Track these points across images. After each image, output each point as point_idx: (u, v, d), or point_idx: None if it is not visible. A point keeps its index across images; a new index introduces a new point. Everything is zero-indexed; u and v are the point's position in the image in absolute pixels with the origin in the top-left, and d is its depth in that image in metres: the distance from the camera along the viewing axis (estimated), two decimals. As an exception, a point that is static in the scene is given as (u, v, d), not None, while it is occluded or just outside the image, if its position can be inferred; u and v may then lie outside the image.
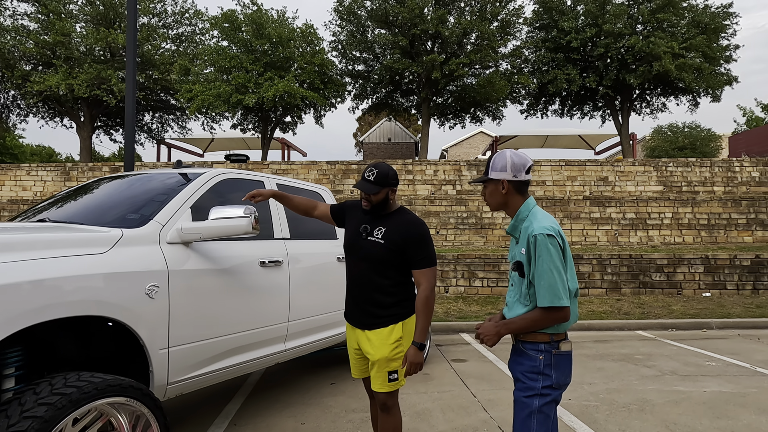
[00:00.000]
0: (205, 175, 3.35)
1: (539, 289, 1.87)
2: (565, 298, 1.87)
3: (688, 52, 17.13)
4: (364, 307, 2.53)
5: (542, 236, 1.88)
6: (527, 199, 2.04)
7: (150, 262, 2.67)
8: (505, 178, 2.03)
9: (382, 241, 2.45)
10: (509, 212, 2.08)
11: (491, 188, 2.07)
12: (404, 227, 2.46)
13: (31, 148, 37.06)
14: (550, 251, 1.86)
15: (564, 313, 1.88)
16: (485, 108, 20.02)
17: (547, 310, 1.88)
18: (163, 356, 2.69)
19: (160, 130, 21.96)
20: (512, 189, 2.03)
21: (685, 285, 10.01)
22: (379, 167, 2.47)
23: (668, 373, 5.12)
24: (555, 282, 1.85)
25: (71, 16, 18.17)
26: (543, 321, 1.91)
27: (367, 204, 2.50)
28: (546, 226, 1.90)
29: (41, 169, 14.90)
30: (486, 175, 2.08)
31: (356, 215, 2.64)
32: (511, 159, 2.02)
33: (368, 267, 2.48)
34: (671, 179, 14.51)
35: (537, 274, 1.88)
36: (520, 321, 1.95)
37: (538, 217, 1.96)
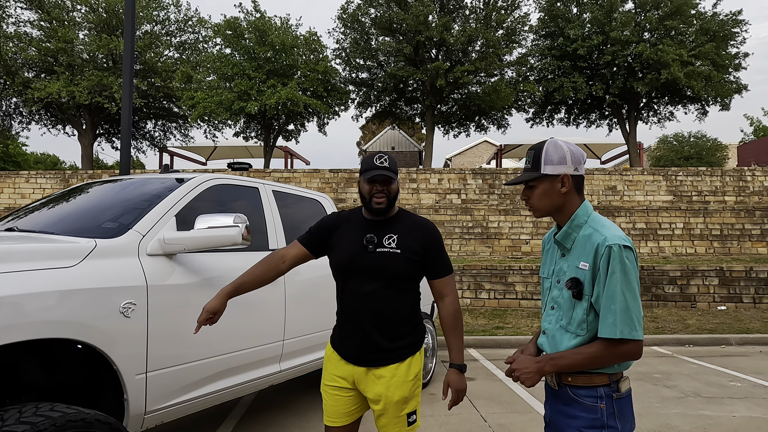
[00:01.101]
0: (193, 180, 3.08)
1: (606, 314, 1.46)
2: (640, 328, 1.46)
3: (697, 60, 16.89)
4: (373, 340, 2.01)
5: (619, 247, 1.46)
6: (585, 201, 1.62)
7: (126, 276, 2.38)
8: (566, 173, 1.58)
9: (399, 251, 2.00)
10: (560, 218, 1.63)
11: (544, 188, 1.60)
12: (418, 231, 2.05)
13: (36, 156, 37.06)
14: (626, 268, 1.46)
15: (636, 348, 1.46)
16: (490, 116, 19.79)
17: (615, 343, 1.45)
18: (140, 382, 2.40)
19: (163, 138, 21.81)
20: (573, 187, 1.60)
21: (699, 298, 9.66)
22: (387, 153, 2.04)
23: (691, 394, 4.79)
24: (629, 307, 1.45)
25: (74, 23, 18.10)
26: (608, 358, 1.47)
27: (382, 200, 1.99)
28: (621, 235, 1.50)
29: (40, 177, 14.71)
30: (538, 170, 1.60)
31: (348, 227, 2.10)
32: (569, 149, 1.59)
33: (383, 286, 2.00)
34: (681, 189, 14.19)
35: (606, 296, 1.46)
36: (574, 356, 1.50)
37: (606, 225, 1.55)
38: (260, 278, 2.10)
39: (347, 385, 2.08)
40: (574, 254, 1.57)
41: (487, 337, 7.39)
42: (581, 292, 1.52)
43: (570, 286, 1.55)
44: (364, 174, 2.00)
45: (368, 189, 2.01)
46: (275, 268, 2.13)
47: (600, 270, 1.48)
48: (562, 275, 1.61)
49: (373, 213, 2.04)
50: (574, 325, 1.55)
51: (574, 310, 1.55)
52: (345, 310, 2.08)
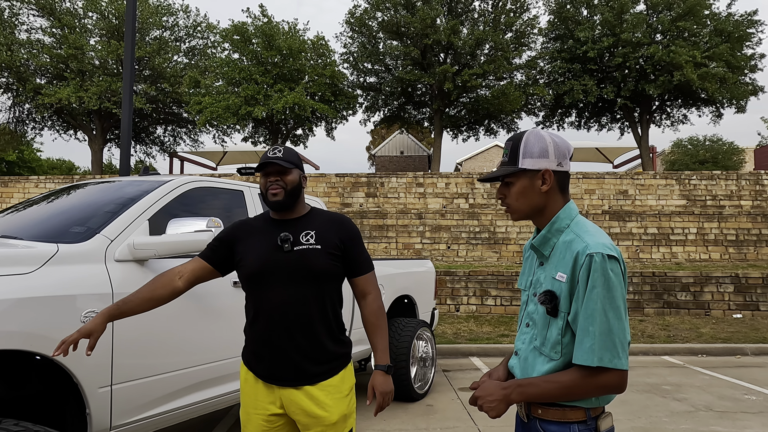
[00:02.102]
0: (170, 183, 2.96)
1: (584, 337, 1.22)
2: (624, 355, 1.21)
3: (711, 62, 16.53)
4: (299, 354, 1.81)
5: (602, 257, 1.22)
6: (569, 202, 1.38)
7: (90, 283, 2.26)
8: (548, 168, 1.34)
9: (319, 246, 1.84)
10: (541, 221, 1.39)
11: (522, 185, 1.36)
12: (336, 225, 1.91)
13: (50, 162, 37.59)
14: (610, 282, 1.21)
15: (619, 379, 1.22)
16: (499, 120, 19.58)
17: (593, 372, 1.21)
18: (105, 395, 2.27)
19: (173, 144, 21.93)
20: (556, 185, 1.36)
21: (713, 305, 9.34)
22: (284, 146, 1.92)
23: (702, 408, 4.55)
24: (610, 329, 1.20)
25: (85, 30, 18.29)
26: (584, 389, 1.23)
27: (277, 191, 1.83)
28: (606, 243, 1.26)
29: (49, 182, 14.80)
30: (515, 165, 1.36)
31: (257, 233, 1.90)
32: (552, 140, 1.36)
33: (304, 290, 1.82)
34: (695, 193, 13.84)
35: (584, 314, 1.22)
36: (545, 385, 1.26)
37: (590, 230, 1.31)
38: (149, 297, 1.84)
39: (277, 410, 1.85)
40: (552, 263, 1.34)
41: (490, 345, 7.19)
42: (556, 308, 1.28)
43: (543, 300, 1.31)
44: (258, 168, 1.86)
45: (263, 182, 1.88)
46: (168, 285, 1.87)
47: (579, 283, 1.24)
48: (538, 287, 1.38)
49: (273, 208, 1.87)
50: (548, 346, 1.30)
51: (548, 328, 1.31)
52: (261, 324, 1.84)
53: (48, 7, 17.79)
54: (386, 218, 12.79)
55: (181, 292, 1.91)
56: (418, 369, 4.89)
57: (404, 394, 4.61)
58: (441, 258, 12.26)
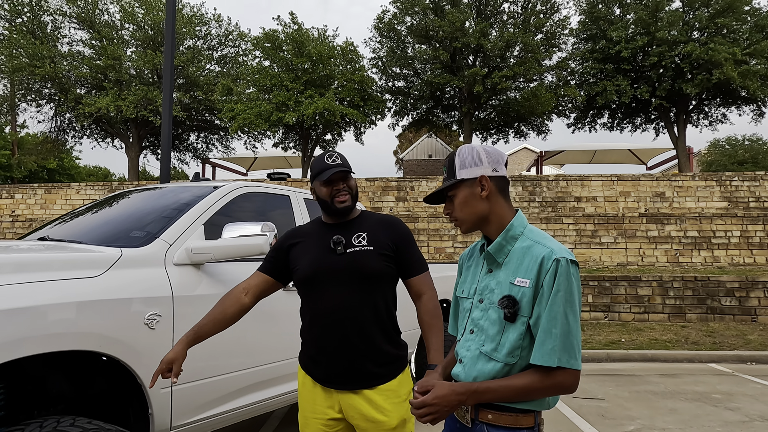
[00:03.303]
0: (222, 188, 3.02)
1: (546, 339, 1.25)
2: (579, 356, 1.27)
3: (752, 59, 15.98)
4: (355, 357, 1.81)
5: (567, 262, 1.27)
6: (518, 211, 1.45)
7: (151, 286, 2.32)
8: (483, 174, 1.40)
9: (372, 248, 1.83)
10: (490, 228, 1.43)
11: (464, 195, 1.41)
12: (386, 226, 1.91)
13: (88, 169, 38.88)
14: (571, 286, 1.27)
15: (573, 379, 1.26)
16: (529, 122, 19.35)
17: (551, 373, 1.25)
18: (166, 396, 2.32)
19: (205, 150, 22.41)
20: (495, 189, 1.41)
21: (760, 311, 8.99)
22: (336, 151, 1.93)
23: (757, 418, 4.37)
24: (570, 332, 1.25)
25: (122, 41, 18.89)
26: (541, 390, 1.26)
27: (346, 198, 1.86)
28: (566, 249, 1.32)
29: (89, 188, 15.31)
30: (453, 177, 1.42)
31: (309, 239, 1.93)
32: (484, 149, 1.43)
33: (359, 291, 1.81)
34: (737, 194, 13.37)
35: (548, 317, 1.25)
36: (502, 388, 1.27)
37: (548, 237, 1.37)
38: (221, 318, 1.89)
39: (335, 414, 1.86)
40: (507, 269, 1.36)
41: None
42: (516, 314, 1.30)
43: (505, 305, 1.32)
44: (319, 176, 1.87)
45: (327, 191, 1.87)
46: (236, 303, 1.91)
47: (544, 287, 1.28)
48: (487, 294, 1.39)
49: (339, 214, 1.89)
50: (503, 351, 1.32)
51: (504, 333, 1.32)
52: (317, 329, 1.86)
53: (88, 20, 18.45)
54: (417, 222, 12.77)
55: (249, 307, 1.96)
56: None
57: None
58: (473, 262, 12.15)
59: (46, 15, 18.39)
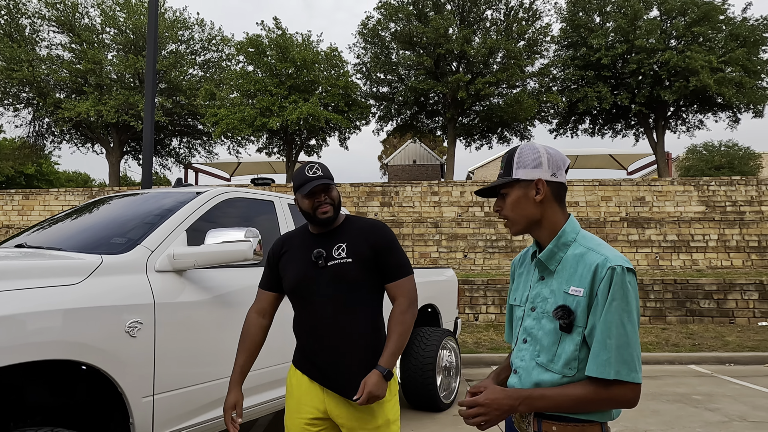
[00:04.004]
0: (205, 194, 2.99)
1: (600, 350, 1.20)
2: (639, 369, 1.21)
3: (727, 66, 16.38)
4: (343, 365, 1.84)
5: (622, 270, 1.22)
6: (570, 216, 1.38)
7: (133, 293, 2.29)
8: (541, 177, 1.34)
9: (350, 259, 1.85)
10: (541, 234, 1.38)
11: (517, 195, 1.35)
12: (366, 233, 1.91)
13: (67, 175, 38.18)
14: (628, 295, 1.21)
15: (633, 393, 1.21)
16: (512, 128, 19.54)
17: (608, 385, 1.20)
18: (147, 405, 2.28)
19: (188, 155, 22.19)
20: (551, 195, 1.35)
21: (738, 313, 9.18)
22: (317, 162, 1.93)
23: (737, 418, 4.46)
24: (628, 343, 1.20)
25: (103, 45, 18.65)
26: (598, 403, 1.21)
27: (328, 209, 1.87)
28: (622, 256, 1.27)
29: (69, 194, 15.03)
30: (509, 175, 1.36)
31: (295, 248, 1.96)
32: (546, 152, 1.36)
33: (340, 302, 1.84)
34: (714, 199, 13.67)
35: (603, 328, 1.21)
36: (558, 398, 1.23)
37: (602, 243, 1.31)
38: (252, 348, 1.99)
39: (320, 414, 1.88)
40: (560, 277, 1.32)
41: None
42: (572, 324, 1.26)
43: (560, 315, 1.27)
44: (300, 189, 1.88)
45: (309, 203, 1.88)
46: (259, 327, 2.01)
47: (598, 296, 1.23)
48: (540, 302, 1.35)
49: (322, 224, 1.91)
50: (559, 363, 1.27)
51: (560, 345, 1.28)
52: (304, 338, 1.91)
53: (67, 23, 18.19)
54: (402, 227, 12.79)
55: (270, 324, 2.06)
56: (442, 379, 4.85)
57: (431, 404, 4.58)
58: (458, 267, 12.21)
59: (24, 18, 18.09)
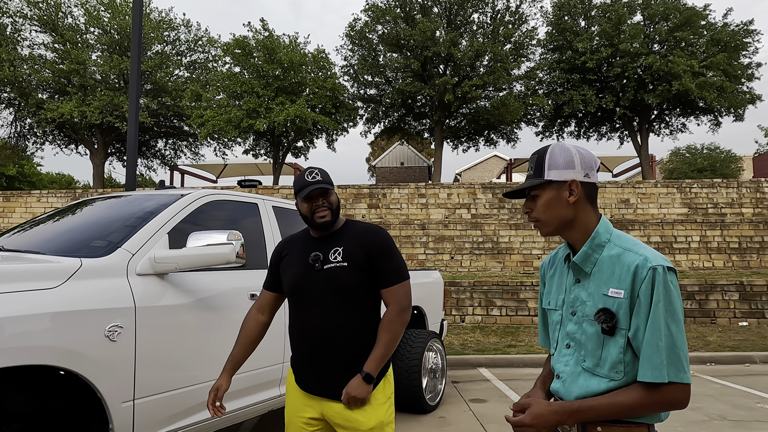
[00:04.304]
0: (188, 196, 2.97)
1: (652, 354, 1.18)
2: (688, 369, 1.20)
3: (709, 71, 16.68)
4: (337, 368, 1.86)
5: (663, 270, 1.20)
6: (602, 217, 1.36)
7: (113, 297, 2.26)
8: (575, 178, 1.32)
9: (346, 263, 1.87)
10: (573, 235, 1.35)
11: (549, 197, 1.33)
12: (362, 238, 1.93)
13: (50, 176, 37.60)
14: (671, 295, 1.19)
15: (684, 394, 1.19)
16: (499, 130, 19.69)
17: (660, 389, 1.18)
18: (127, 410, 2.26)
19: (173, 157, 21.99)
20: (584, 196, 1.33)
21: (719, 313, 9.33)
22: (317, 168, 1.96)
23: (717, 417, 4.53)
24: (674, 344, 1.18)
25: (87, 45, 18.42)
26: (650, 407, 1.19)
27: (326, 213, 1.89)
28: (662, 256, 1.25)
29: (51, 196, 14.81)
30: (541, 177, 1.34)
31: (295, 250, 2.00)
32: (578, 152, 1.33)
33: (332, 305, 1.87)
34: (696, 201, 13.89)
35: (651, 330, 1.19)
36: (606, 407, 1.21)
37: (638, 243, 1.29)
38: (247, 342, 2.03)
39: (316, 415, 1.92)
40: (598, 279, 1.29)
41: (499, 355, 7.16)
42: (615, 327, 1.24)
43: (602, 319, 1.25)
44: (299, 194, 1.91)
45: (308, 207, 1.92)
46: (257, 324, 2.06)
47: (641, 298, 1.21)
48: (579, 306, 1.33)
49: (320, 228, 1.93)
50: (605, 367, 1.26)
51: (604, 348, 1.26)
52: (299, 339, 1.93)
53: (50, 23, 17.94)
54: (389, 229, 12.80)
55: (269, 323, 2.10)
56: (428, 380, 4.86)
57: (416, 406, 4.58)
58: (444, 268, 12.25)
59: (6, 17, 17.80)
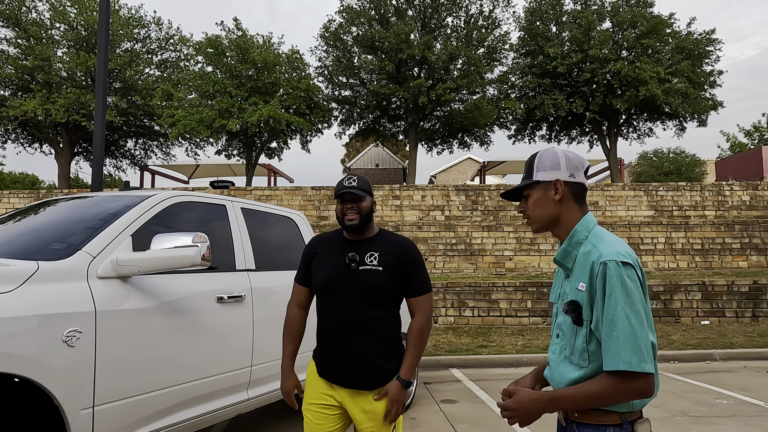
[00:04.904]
0: (153, 198, 2.91)
1: (609, 343, 1.26)
2: (649, 358, 1.25)
3: (674, 77, 17.22)
4: (362, 362, 2.00)
5: (615, 264, 1.28)
6: (586, 215, 1.46)
7: (71, 301, 2.20)
8: (559, 178, 1.44)
9: (381, 268, 2.02)
10: (560, 232, 1.48)
11: (537, 195, 1.47)
12: (397, 247, 2.09)
13: (13, 176, 36.30)
14: (626, 287, 1.26)
15: (645, 384, 1.25)
16: (473, 133, 19.90)
17: (621, 377, 1.25)
18: (86, 418, 2.20)
19: (144, 157, 21.53)
20: (569, 195, 1.45)
21: (682, 313, 9.62)
22: (357, 175, 2.13)
23: (678, 414, 4.67)
24: (635, 334, 1.24)
25: (52, 41, 17.88)
26: (613, 396, 1.27)
27: (354, 217, 2.04)
28: (620, 251, 1.32)
29: (13, 196, 14.30)
30: (530, 178, 1.48)
31: (329, 248, 2.14)
32: (564, 155, 1.46)
33: (361, 303, 2.02)
34: (662, 203, 14.31)
35: (606, 321, 1.27)
36: (575, 396, 1.30)
37: (606, 239, 1.37)
38: (298, 335, 2.20)
39: (334, 402, 2.06)
40: (575, 274, 1.40)
41: (470, 356, 7.23)
42: (580, 317, 1.35)
43: (567, 310, 1.38)
44: (336, 196, 2.09)
45: (340, 208, 2.09)
46: (300, 318, 2.21)
47: (597, 291, 1.31)
48: (565, 299, 1.44)
49: (348, 230, 2.08)
50: (576, 355, 1.37)
51: (576, 337, 1.37)
52: (325, 333, 2.07)
53: (13, 17, 17.35)
54: (363, 231, 12.77)
55: (307, 315, 2.24)
56: (400, 382, 4.88)
57: (387, 408, 4.59)
58: (418, 270, 12.28)
59: (-34, 11, 17.15)
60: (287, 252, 3.89)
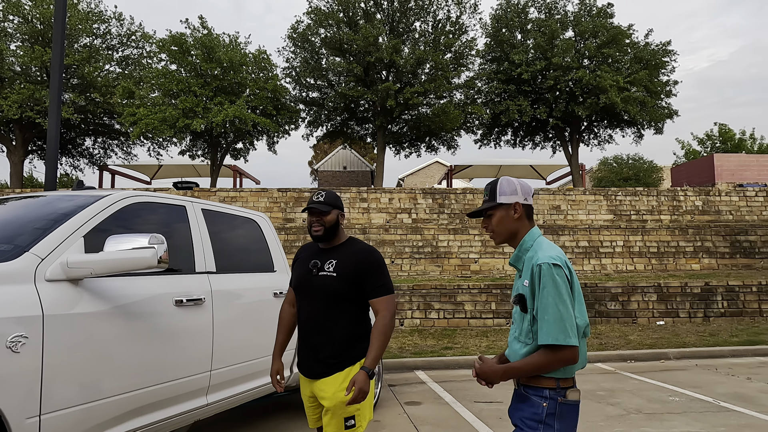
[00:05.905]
0: (108, 198, 2.82)
1: (542, 324, 1.68)
2: (573, 335, 1.66)
3: (632, 86, 17.83)
4: (317, 353, 2.31)
5: (547, 266, 1.70)
6: (533, 228, 1.89)
7: (16, 305, 2.10)
8: (518, 201, 1.87)
9: (335, 274, 2.29)
10: (515, 243, 1.90)
11: (500, 215, 1.89)
12: (356, 256, 2.34)
13: (-39, 174, 34.56)
14: (555, 282, 1.68)
15: (571, 354, 1.66)
16: (440, 137, 20.10)
17: (551, 349, 1.67)
18: (32, 426, 2.10)
19: (103, 156, 20.83)
20: (524, 214, 1.88)
21: (639, 313, 9.96)
22: (327, 191, 2.42)
23: (633, 411, 4.82)
24: (560, 316, 1.65)
25: (5, 34, 17.11)
26: (547, 364, 1.68)
27: (319, 228, 2.33)
28: (552, 255, 1.74)
29: (-39, 196, 13.59)
30: (494, 201, 1.88)
31: (307, 254, 2.47)
32: (519, 183, 1.91)
33: (321, 305, 2.31)
34: (621, 208, 14.79)
35: (540, 308, 1.69)
36: (521, 366, 1.73)
37: (544, 247, 1.80)
38: (288, 329, 2.53)
39: (310, 394, 2.39)
40: (523, 274, 1.82)
41: (435, 358, 7.27)
42: (525, 306, 1.76)
43: (515, 301, 1.82)
44: (303, 210, 2.38)
45: (309, 220, 2.37)
46: (291, 314, 2.53)
47: (535, 286, 1.72)
48: (515, 292, 1.86)
49: (314, 240, 2.37)
50: (523, 335, 1.78)
51: (523, 322, 1.78)
52: (300, 330, 2.37)
53: (-37, 8, 16.53)
54: (330, 233, 12.70)
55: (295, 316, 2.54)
56: (365, 385, 4.87)
57: (351, 411, 4.56)
58: (385, 273, 12.30)
59: None
60: (250, 254, 3.83)
